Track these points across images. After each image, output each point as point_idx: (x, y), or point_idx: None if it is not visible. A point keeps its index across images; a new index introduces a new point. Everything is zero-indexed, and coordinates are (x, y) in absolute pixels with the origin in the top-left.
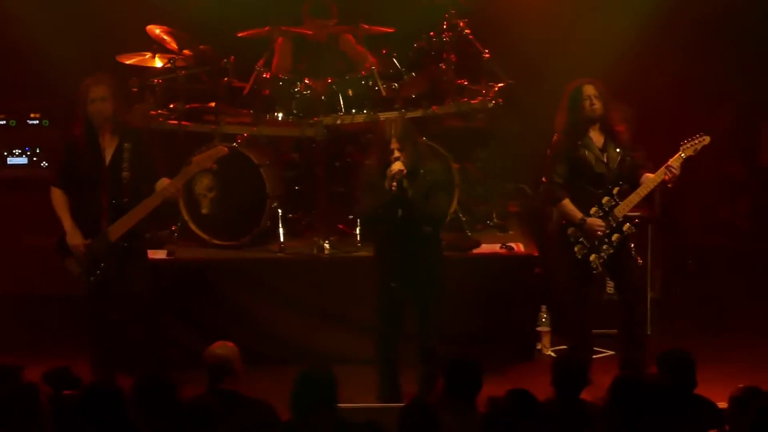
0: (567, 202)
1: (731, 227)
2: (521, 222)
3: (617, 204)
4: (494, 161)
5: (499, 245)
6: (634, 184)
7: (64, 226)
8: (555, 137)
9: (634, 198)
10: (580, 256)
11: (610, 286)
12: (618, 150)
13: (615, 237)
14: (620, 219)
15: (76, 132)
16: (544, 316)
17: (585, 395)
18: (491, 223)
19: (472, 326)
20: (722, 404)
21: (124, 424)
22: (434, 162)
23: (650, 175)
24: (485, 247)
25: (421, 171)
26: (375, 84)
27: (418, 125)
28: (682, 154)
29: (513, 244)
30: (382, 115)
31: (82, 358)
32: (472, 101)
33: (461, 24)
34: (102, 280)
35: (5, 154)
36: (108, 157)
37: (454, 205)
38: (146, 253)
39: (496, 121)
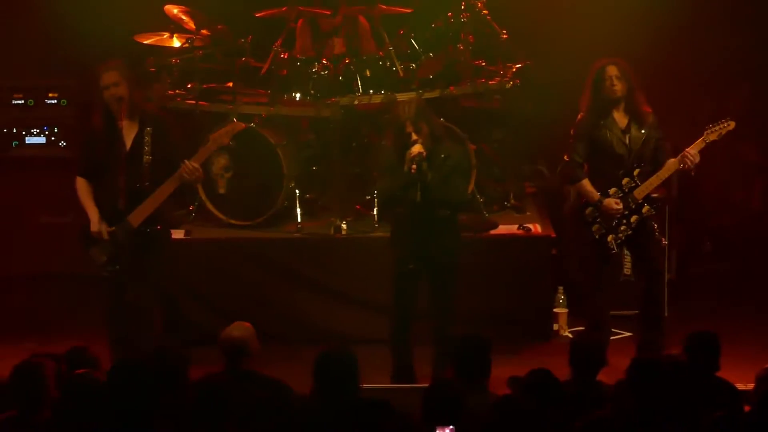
0: (585, 182)
1: (747, 208)
2: (538, 203)
3: (637, 185)
4: (510, 142)
5: (517, 226)
6: (657, 167)
7: (89, 216)
8: (579, 116)
9: (655, 180)
10: (597, 236)
11: (627, 267)
12: (642, 131)
13: (634, 218)
14: (640, 200)
15: (95, 119)
16: (561, 297)
17: (602, 376)
18: (508, 204)
19: (489, 307)
20: (741, 386)
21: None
22: (454, 145)
23: (673, 160)
24: (502, 228)
25: (442, 156)
26: (392, 64)
27: (434, 106)
28: (706, 139)
29: (530, 225)
30: (399, 96)
31: (99, 337)
32: (489, 82)
33: (479, 5)
34: (126, 268)
35: (23, 133)
36: (129, 143)
37: (471, 186)
38: (170, 239)
39: (513, 102)
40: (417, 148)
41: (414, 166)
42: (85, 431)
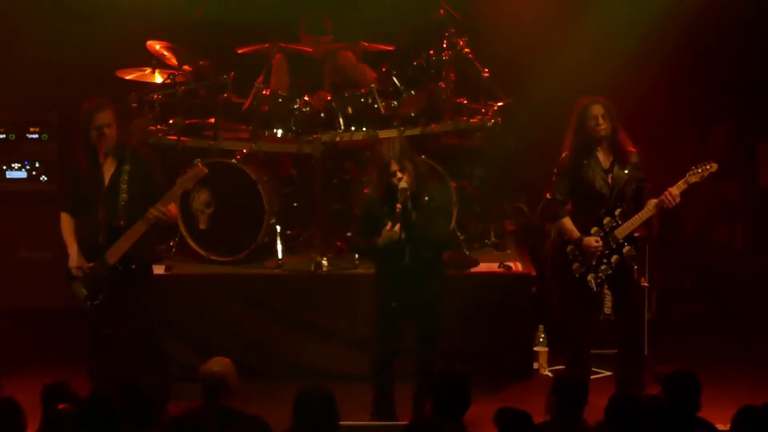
0: (566, 220)
1: (728, 248)
2: (518, 241)
3: (618, 225)
4: (491, 180)
5: (497, 264)
6: (639, 207)
7: (69, 251)
8: (563, 155)
9: (636, 220)
10: (577, 275)
11: (607, 306)
12: (625, 171)
13: (614, 258)
14: (621, 240)
15: (78, 155)
16: (541, 336)
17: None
18: (488, 242)
19: (470, 344)
20: (721, 426)
21: None
22: (437, 186)
23: (654, 201)
24: (483, 266)
25: (426, 198)
26: (374, 101)
27: (415, 143)
28: (688, 181)
29: (510, 263)
30: (381, 133)
31: (79, 371)
32: (470, 120)
33: (461, 43)
34: (104, 304)
35: (4, 167)
36: (107, 179)
37: (452, 224)
38: (150, 274)
39: (494, 140)
40: (402, 184)
41: (399, 205)
42: None
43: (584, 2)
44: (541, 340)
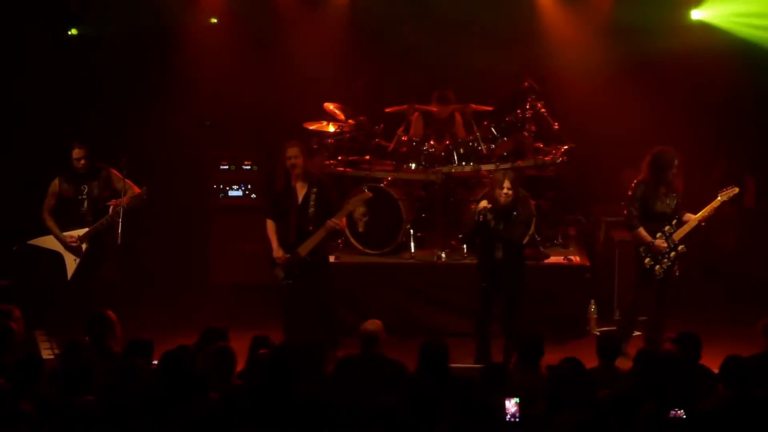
0: (641, 230)
1: (723, 249)
2: (577, 242)
3: (675, 231)
4: (560, 200)
5: (562, 257)
6: (680, 219)
7: (273, 246)
8: (635, 182)
9: (686, 228)
10: (648, 267)
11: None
12: (674, 195)
13: (672, 254)
14: (676, 241)
15: (278, 181)
16: (592, 307)
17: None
18: (557, 242)
19: (543, 313)
20: (716, 370)
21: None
22: (524, 206)
23: (691, 215)
24: (552, 259)
25: (514, 213)
26: (479, 145)
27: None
28: (719, 199)
29: (572, 257)
30: (483, 167)
31: (277, 327)
32: (545, 158)
33: (539, 105)
34: (296, 282)
35: (227, 188)
36: (300, 198)
37: (532, 229)
38: (328, 263)
39: (562, 172)
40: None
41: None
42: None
43: (625, 81)
44: (592, 310)
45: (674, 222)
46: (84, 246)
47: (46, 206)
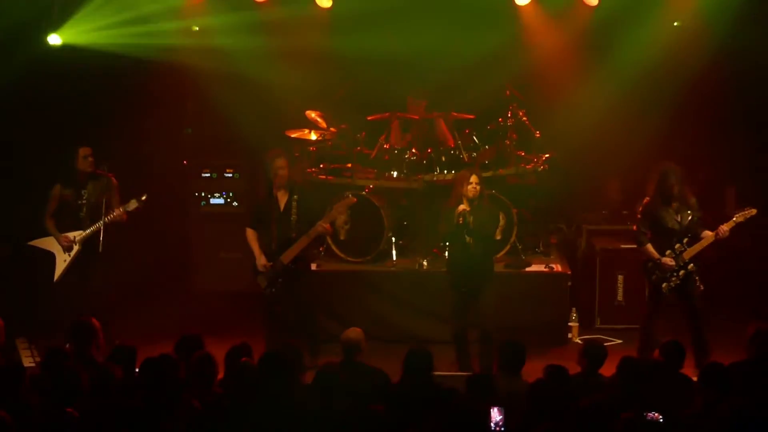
0: (649, 246)
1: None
2: (558, 250)
3: (685, 250)
4: (541, 208)
5: (544, 265)
6: (698, 237)
7: (255, 254)
8: (645, 200)
9: (697, 247)
10: (655, 283)
11: (620, 294)
12: (689, 212)
13: (681, 273)
14: (686, 260)
15: (259, 189)
16: (573, 315)
17: (605, 371)
18: (538, 250)
19: (524, 321)
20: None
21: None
22: (491, 206)
23: (709, 233)
24: (534, 267)
25: (483, 207)
26: (460, 153)
27: (488, 182)
28: (736, 221)
29: (553, 265)
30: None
31: (258, 336)
32: (527, 166)
33: (520, 113)
34: (279, 291)
35: (209, 196)
36: (282, 206)
37: (513, 237)
38: (310, 271)
39: (543, 180)
40: (462, 207)
41: (461, 219)
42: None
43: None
44: (573, 318)
45: (686, 240)
46: (77, 248)
47: (48, 211)
